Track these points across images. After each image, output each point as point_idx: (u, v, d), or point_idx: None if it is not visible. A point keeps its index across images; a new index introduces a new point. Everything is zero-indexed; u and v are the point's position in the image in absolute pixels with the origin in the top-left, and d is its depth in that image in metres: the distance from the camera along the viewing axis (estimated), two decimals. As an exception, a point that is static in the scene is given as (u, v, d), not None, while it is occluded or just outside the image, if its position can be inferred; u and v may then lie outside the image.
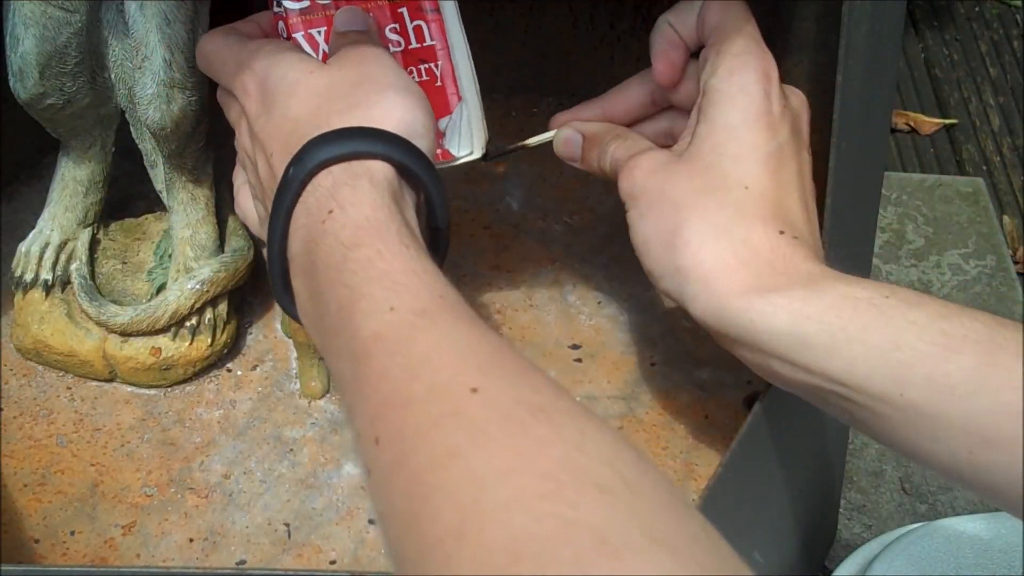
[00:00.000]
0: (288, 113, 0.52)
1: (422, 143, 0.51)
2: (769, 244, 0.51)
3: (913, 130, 1.36)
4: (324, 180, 0.48)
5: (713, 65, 0.56)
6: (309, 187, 0.48)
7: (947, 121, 1.37)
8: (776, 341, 0.49)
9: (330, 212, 0.46)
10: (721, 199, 0.52)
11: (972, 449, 0.44)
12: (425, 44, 0.62)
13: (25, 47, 0.63)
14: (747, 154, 0.53)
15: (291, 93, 0.52)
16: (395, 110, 0.50)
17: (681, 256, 0.52)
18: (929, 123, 1.36)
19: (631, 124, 0.63)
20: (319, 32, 0.59)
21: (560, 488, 0.32)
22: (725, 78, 0.55)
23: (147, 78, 0.63)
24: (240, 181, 0.58)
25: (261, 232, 0.54)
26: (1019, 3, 1.52)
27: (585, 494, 0.32)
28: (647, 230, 0.54)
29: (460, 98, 0.62)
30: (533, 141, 0.64)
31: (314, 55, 0.58)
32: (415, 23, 0.62)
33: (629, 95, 0.63)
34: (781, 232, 0.52)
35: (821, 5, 0.65)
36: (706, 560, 0.31)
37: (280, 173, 0.49)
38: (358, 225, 0.45)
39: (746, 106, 0.54)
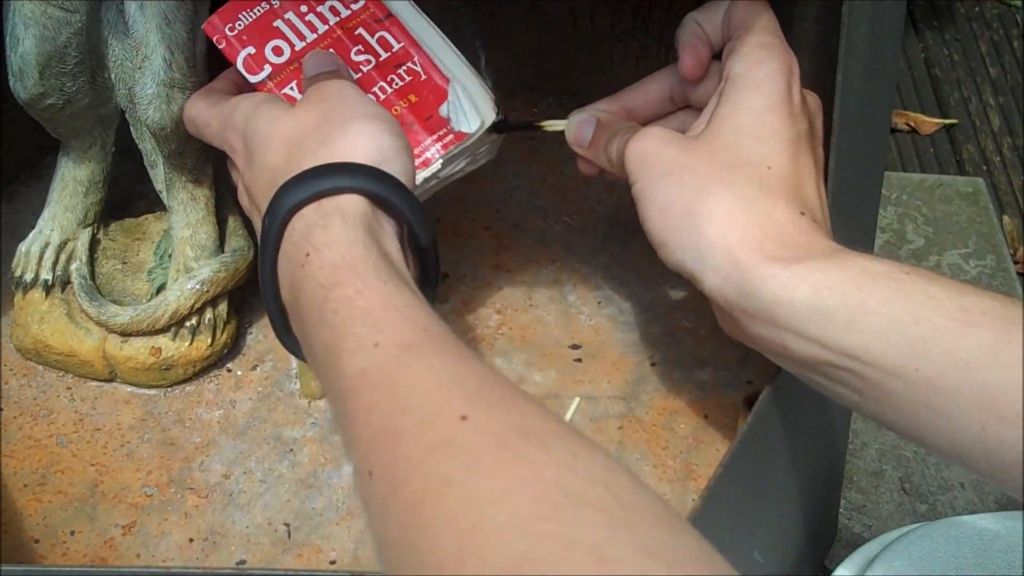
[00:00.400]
0: (266, 164, 0.53)
1: (394, 166, 0.51)
2: (792, 221, 0.52)
3: (913, 130, 1.36)
4: (297, 224, 0.49)
5: (739, 54, 0.57)
6: (285, 234, 0.49)
7: (947, 121, 1.37)
8: (795, 313, 0.49)
9: (307, 255, 0.47)
10: (747, 175, 0.53)
11: (985, 425, 0.44)
12: (394, 50, 0.62)
13: (25, 47, 0.63)
14: (771, 137, 0.54)
15: (265, 144, 0.53)
16: (360, 139, 0.51)
17: (706, 226, 0.52)
18: (929, 123, 1.36)
19: (647, 121, 0.63)
20: (291, 88, 0.61)
21: (556, 509, 0.32)
22: (752, 66, 0.56)
23: (147, 78, 0.63)
24: None
25: None
26: (1019, 3, 1.52)
27: (581, 513, 0.32)
28: (665, 199, 0.54)
29: (448, 79, 0.62)
30: (549, 125, 0.64)
31: None
32: (376, 36, 0.63)
33: (649, 91, 0.63)
34: (802, 213, 0.53)
35: (821, 5, 0.65)
36: (702, 574, 0.31)
37: None
38: (335, 265, 0.46)
39: (771, 92, 0.55)
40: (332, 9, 0.63)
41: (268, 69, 0.61)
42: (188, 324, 0.70)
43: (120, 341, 0.69)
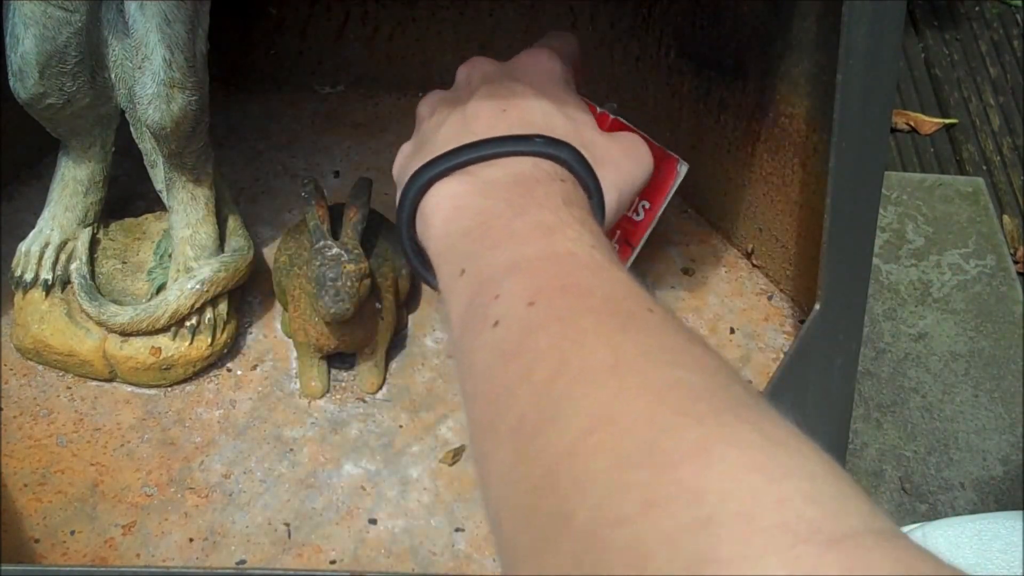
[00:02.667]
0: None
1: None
2: None
3: (913, 130, 1.36)
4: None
5: None
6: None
7: (947, 121, 1.37)
8: None
9: (562, 180, 0.48)
10: None
11: None
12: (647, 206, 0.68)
13: (25, 47, 0.63)
14: None
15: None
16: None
17: None
18: (929, 123, 1.36)
19: None
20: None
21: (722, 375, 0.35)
22: None
23: (147, 78, 0.63)
24: None
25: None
26: (1019, 3, 1.52)
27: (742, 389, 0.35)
28: None
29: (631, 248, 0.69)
30: None
31: None
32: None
33: None
34: None
35: (821, 5, 0.65)
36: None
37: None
38: (571, 199, 0.48)
39: None
40: None
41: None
42: (188, 324, 0.70)
43: (120, 341, 0.69)
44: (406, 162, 0.53)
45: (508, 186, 0.48)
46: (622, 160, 0.55)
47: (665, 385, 0.34)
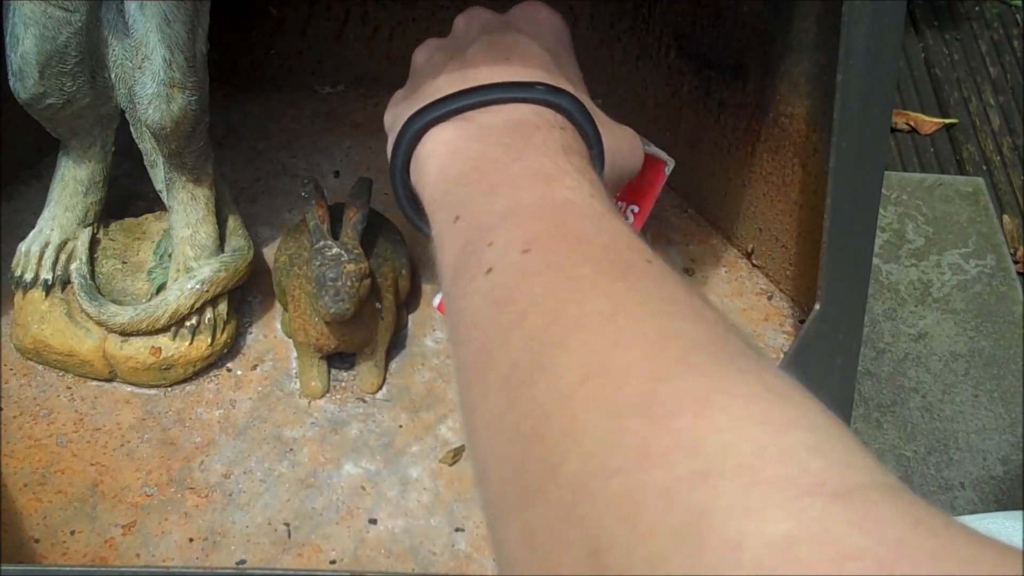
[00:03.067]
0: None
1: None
2: None
3: (913, 130, 1.36)
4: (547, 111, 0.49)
5: None
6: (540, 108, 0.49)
7: (947, 121, 1.37)
8: None
9: (562, 128, 0.47)
10: None
11: None
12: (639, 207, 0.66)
13: (25, 47, 0.63)
14: None
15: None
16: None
17: None
18: (929, 123, 1.36)
19: None
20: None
21: (711, 327, 0.34)
22: None
23: (147, 78, 0.63)
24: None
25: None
26: (1019, 3, 1.52)
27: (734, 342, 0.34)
28: None
29: None
30: None
31: None
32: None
33: None
34: None
35: (821, 5, 0.65)
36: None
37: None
38: (571, 147, 0.47)
39: None
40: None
41: None
42: (188, 324, 0.70)
43: (120, 341, 0.69)
44: (399, 108, 0.52)
45: (506, 131, 0.46)
46: (621, 135, 0.54)
47: (664, 335, 0.33)
